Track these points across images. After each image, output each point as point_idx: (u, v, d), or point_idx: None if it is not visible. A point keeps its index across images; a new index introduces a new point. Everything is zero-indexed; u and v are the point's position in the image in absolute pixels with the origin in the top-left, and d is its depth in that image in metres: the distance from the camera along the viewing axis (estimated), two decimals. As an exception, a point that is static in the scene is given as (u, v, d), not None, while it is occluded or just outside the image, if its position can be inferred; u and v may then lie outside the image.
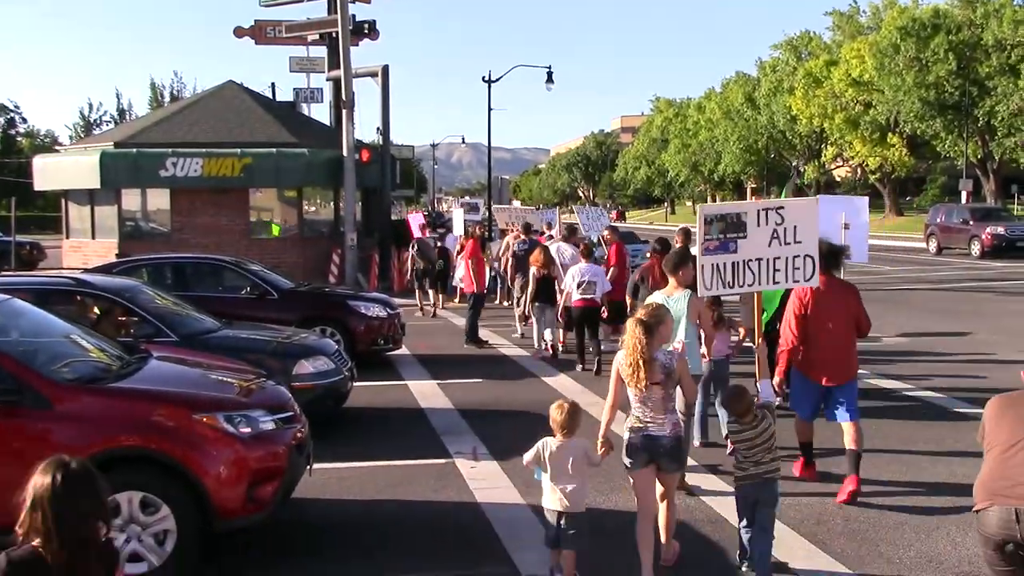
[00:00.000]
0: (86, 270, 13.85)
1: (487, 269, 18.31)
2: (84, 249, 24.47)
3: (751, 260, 7.26)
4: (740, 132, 78.15)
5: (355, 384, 10.76)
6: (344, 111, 23.71)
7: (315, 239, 25.03)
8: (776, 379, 7.68)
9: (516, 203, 35.40)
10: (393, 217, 31.42)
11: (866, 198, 13.63)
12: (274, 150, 24.03)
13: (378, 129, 27.86)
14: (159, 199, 24.44)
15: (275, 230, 25.22)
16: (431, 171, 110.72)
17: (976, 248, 34.70)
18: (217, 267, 14.48)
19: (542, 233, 20.76)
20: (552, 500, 5.69)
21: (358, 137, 25.67)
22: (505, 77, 43.77)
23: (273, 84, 41.88)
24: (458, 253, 19.80)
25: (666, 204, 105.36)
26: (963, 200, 49.14)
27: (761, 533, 5.87)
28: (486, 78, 43.18)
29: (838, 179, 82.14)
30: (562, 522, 5.64)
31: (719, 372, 9.02)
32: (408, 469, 8.52)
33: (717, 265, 7.17)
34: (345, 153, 23.34)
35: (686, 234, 12.34)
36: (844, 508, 7.31)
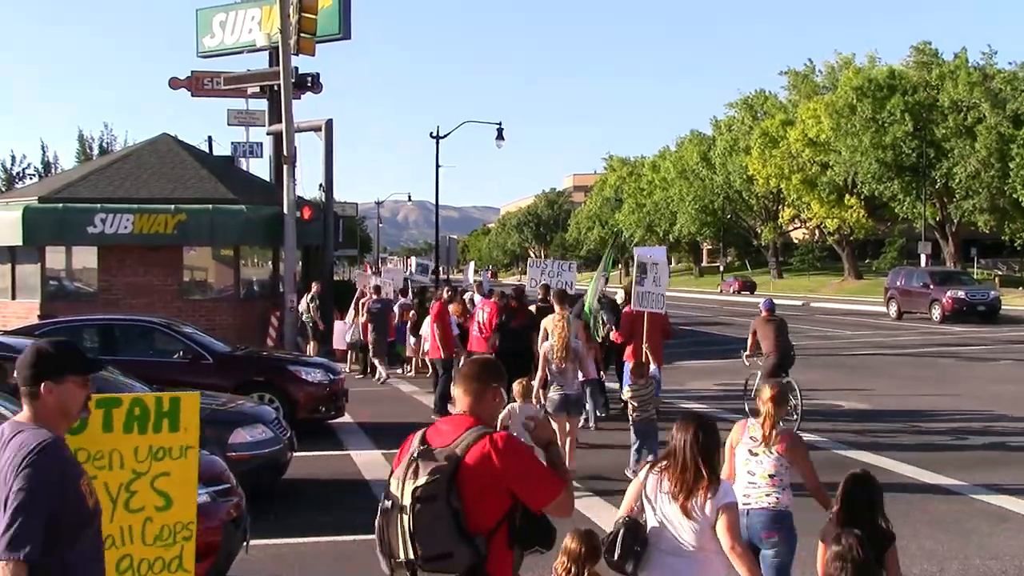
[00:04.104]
0: (5, 332, 13.56)
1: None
2: (3, 310, 23.95)
3: (647, 292, 13.48)
4: (696, 192, 79.41)
5: (295, 454, 10.60)
6: (285, 166, 23.69)
7: (252, 300, 24.81)
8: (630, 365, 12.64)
9: (471, 264, 35.78)
10: (336, 277, 31.27)
11: (663, 248, 20.04)
12: (210, 206, 23.87)
13: (321, 185, 27.87)
14: (86, 257, 24.08)
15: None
16: (376, 229, 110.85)
17: (937, 312, 35.42)
18: (147, 329, 14.28)
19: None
20: None
21: (300, 193, 25.67)
22: (454, 133, 44.17)
23: (210, 138, 41.65)
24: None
25: (619, 265, 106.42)
26: (922, 263, 50.28)
27: (642, 447, 10.49)
28: (434, 134, 43.51)
29: (795, 241, 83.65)
30: None
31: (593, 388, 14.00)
32: (352, 545, 8.37)
33: (638, 292, 13.47)
34: (286, 210, 23.28)
35: (546, 288, 16.70)
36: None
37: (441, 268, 45.93)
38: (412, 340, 20.93)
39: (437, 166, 43.86)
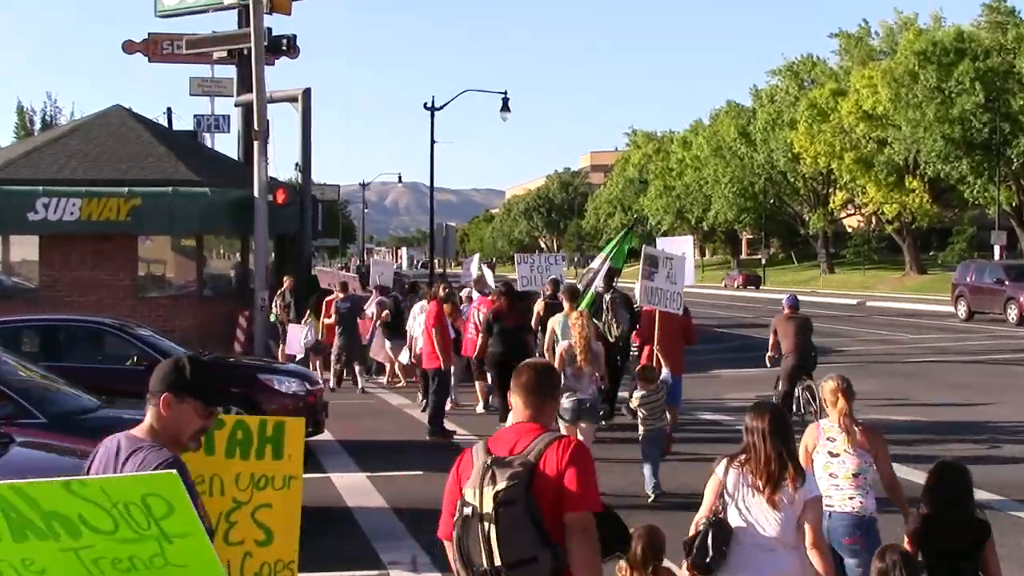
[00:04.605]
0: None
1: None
2: (-70, 309, 24.05)
3: (658, 288, 13.71)
4: (733, 173, 79.31)
5: (266, 476, 10.61)
6: (256, 143, 23.64)
7: (218, 298, 24.84)
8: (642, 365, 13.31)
9: (475, 257, 35.98)
10: (315, 271, 31.30)
11: (689, 238, 22.30)
12: (169, 189, 23.89)
13: (297, 165, 27.88)
14: (25, 248, 24.14)
15: None
16: (361, 216, 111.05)
17: (1013, 313, 35.38)
18: (96, 331, 14.32)
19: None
20: None
21: (273, 174, 25.67)
22: (452, 104, 44.15)
23: (170, 110, 41.88)
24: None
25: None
26: (996, 256, 50.18)
27: (655, 461, 11.13)
28: (429, 105, 43.50)
29: (849, 230, 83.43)
30: None
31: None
32: (331, 582, 8.39)
33: (646, 287, 13.67)
34: (256, 193, 23.25)
35: (555, 284, 17.39)
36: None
37: (437, 260, 46.00)
38: (388, 344, 20.94)
39: (432, 142, 43.88)
